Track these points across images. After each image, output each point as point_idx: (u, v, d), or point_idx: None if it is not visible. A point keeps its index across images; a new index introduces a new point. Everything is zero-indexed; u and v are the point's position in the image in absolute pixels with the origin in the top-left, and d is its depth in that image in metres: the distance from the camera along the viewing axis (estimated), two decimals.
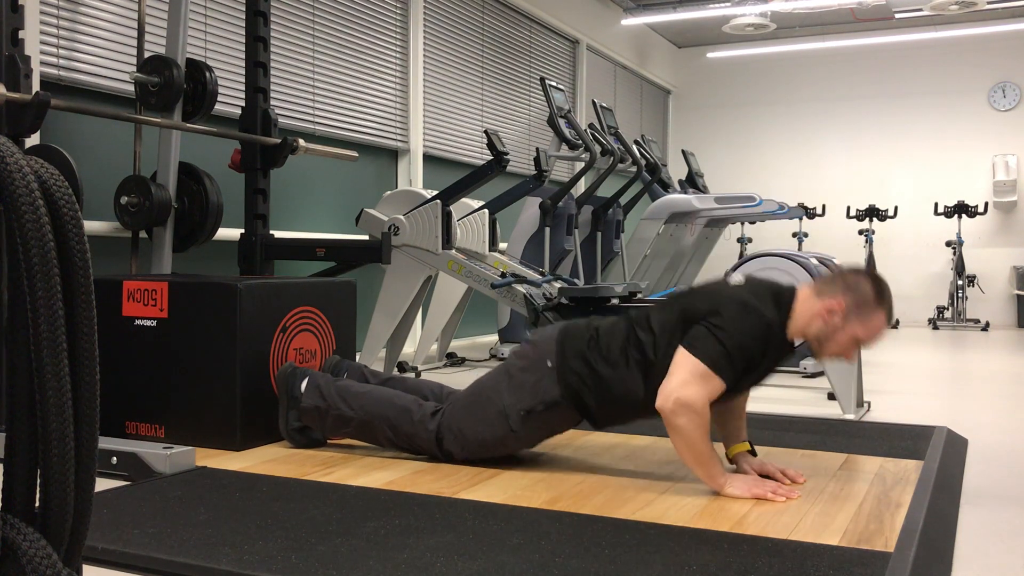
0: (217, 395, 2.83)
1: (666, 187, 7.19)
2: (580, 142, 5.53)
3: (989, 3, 7.99)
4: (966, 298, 8.53)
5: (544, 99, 5.92)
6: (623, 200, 6.41)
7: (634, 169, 6.38)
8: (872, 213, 8.90)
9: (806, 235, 9.05)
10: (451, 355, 5.31)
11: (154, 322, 2.92)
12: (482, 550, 1.82)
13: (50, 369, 0.91)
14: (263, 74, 3.83)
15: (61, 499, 0.93)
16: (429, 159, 6.18)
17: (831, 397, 3.90)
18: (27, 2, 3.07)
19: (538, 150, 4.97)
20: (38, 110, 2.83)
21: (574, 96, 8.37)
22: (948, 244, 8.73)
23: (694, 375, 2.23)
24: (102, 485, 2.33)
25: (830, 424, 3.31)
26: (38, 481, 0.94)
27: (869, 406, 3.80)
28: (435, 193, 4.59)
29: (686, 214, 6.92)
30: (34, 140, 3.32)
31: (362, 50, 5.54)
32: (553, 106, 5.49)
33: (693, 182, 7.81)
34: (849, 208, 9.06)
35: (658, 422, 2.84)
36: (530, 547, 1.84)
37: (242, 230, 3.86)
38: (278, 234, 3.99)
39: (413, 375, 4.45)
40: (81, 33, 3.79)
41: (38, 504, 0.94)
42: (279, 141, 3.78)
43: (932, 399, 4.23)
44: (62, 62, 3.71)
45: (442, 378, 3.18)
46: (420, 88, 6.02)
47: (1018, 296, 8.98)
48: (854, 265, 2.35)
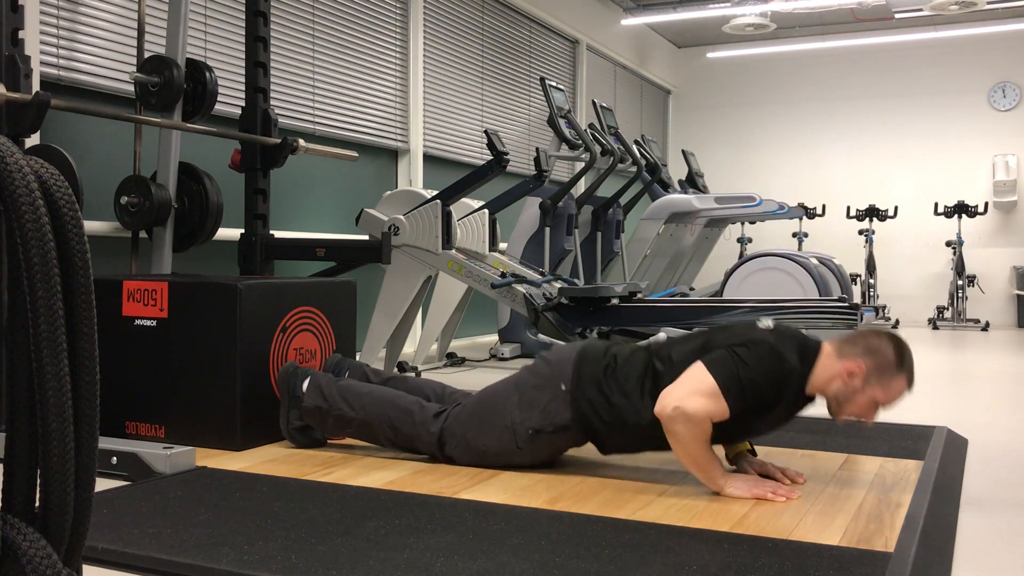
0: (217, 395, 2.83)
1: (666, 187, 7.20)
2: (580, 142, 5.53)
3: (989, 3, 7.99)
4: (966, 298, 8.53)
5: (544, 99, 5.92)
6: (623, 200, 6.41)
7: (634, 169, 6.38)
8: (872, 213, 8.90)
9: (806, 235, 9.05)
10: (451, 355, 5.31)
11: (154, 322, 2.92)
12: (482, 550, 1.82)
13: (50, 369, 0.91)
14: (263, 74, 3.83)
15: (61, 499, 0.93)
16: (429, 159, 6.18)
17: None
18: (27, 2, 3.07)
19: (538, 150, 4.98)
20: (38, 110, 2.83)
21: (574, 96, 8.37)
22: (948, 244, 8.73)
23: (701, 389, 2.21)
24: (102, 485, 2.33)
25: (830, 424, 3.30)
26: (38, 481, 0.94)
27: None
28: (435, 193, 4.59)
29: (686, 214, 6.92)
30: (34, 140, 3.31)
31: (362, 50, 5.54)
32: (553, 106, 5.49)
33: (693, 182, 7.81)
34: (849, 208, 9.06)
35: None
36: (530, 547, 1.84)
37: (242, 230, 3.86)
38: (278, 234, 3.99)
39: (413, 375, 4.45)
40: (81, 33, 3.79)
41: (38, 504, 0.94)
42: (279, 141, 3.78)
43: (932, 399, 4.23)
44: (62, 62, 3.71)
45: (442, 378, 3.18)
46: (420, 88, 6.02)
47: (1018, 296, 8.98)
48: (877, 328, 2.33)
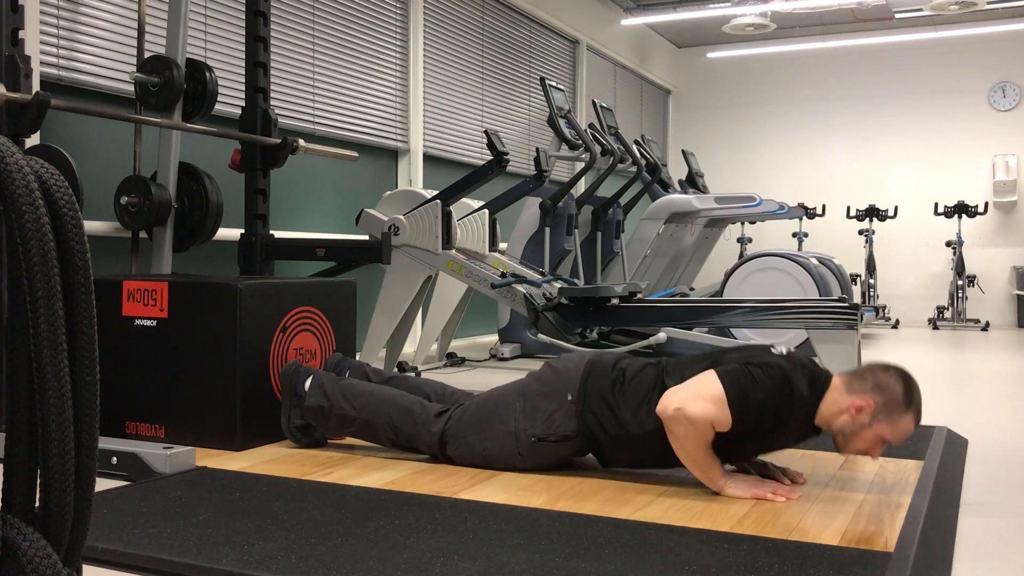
0: (217, 395, 2.83)
1: (666, 187, 7.20)
2: (580, 142, 5.53)
3: (989, 3, 7.99)
4: (966, 298, 8.53)
5: (544, 99, 5.92)
6: (623, 200, 6.41)
7: (634, 169, 6.38)
8: (872, 213, 8.89)
9: (806, 235, 9.05)
10: (451, 355, 5.31)
11: (154, 322, 2.92)
12: (482, 550, 1.82)
13: (50, 369, 0.91)
14: (263, 74, 3.83)
15: (61, 499, 0.93)
16: (429, 159, 6.18)
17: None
18: (27, 2, 3.07)
19: (538, 150, 4.98)
20: (38, 110, 2.83)
21: (574, 96, 8.37)
22: (948, 244, 8.73)
23: (708, 395, 2.20)
24: (102, 485, 2.33)
25: None
26: (38, 481, 0.94)
27: None
28: (435, 193, 4.59)
29: (686, 214, 6.92)
30: (34, 140, 3.32)
31: (362, 50, 5.54)
32: (553, 106, 5.49)
33: (693, 182, 7.81)
34: (849, 208, 9.06)
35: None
36: (530, 547, 1.84)
37: (242, 230, 3.86)
38: (278, 234, 3.99)
39: (413, 375, 4.45)
40: (81, 33, 3.79)
41: (38, 504, 0.94)
42: (279, 141, 3.78)
43: (932, 399, 4.22)
44: (62, 62, 3.71)
45: (442, 378, 3.18)
46: (420, 88, 6.02)
47: (1018, 296, 8.98)
48: (885, 363, 2.29)
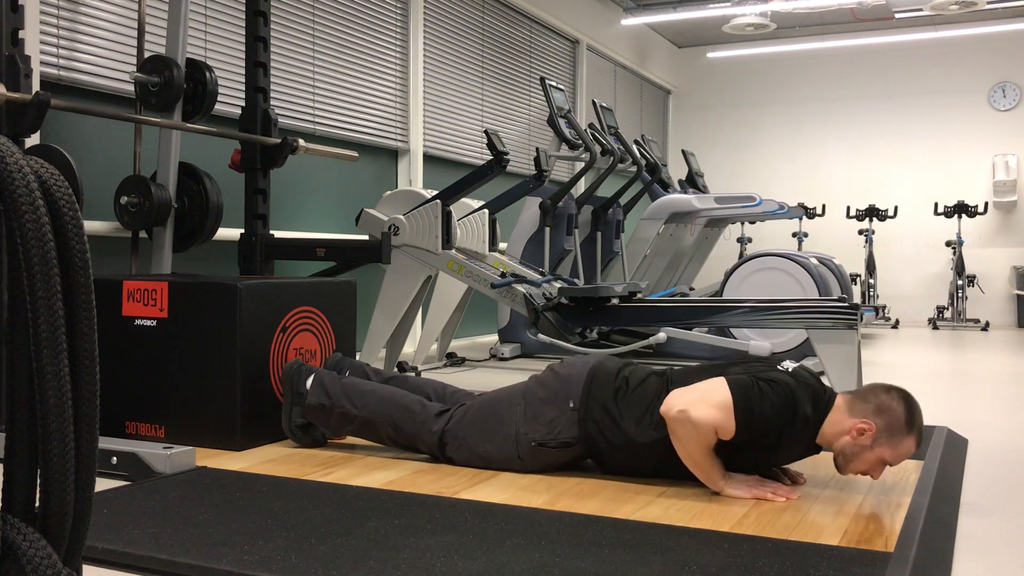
0: (217, 395, 2.83)
1: (666, 187, 7.20)
2: (580, 142, 5.53)
3: (989, 3, 7.99)
4: (966, 298, 8.53)
5: (544, 99, 5.92)
6: (623, 200, 6.41)
7: (634, 169, 6.38)
8: (872, 213, 8.90)
9: (806, 235, 9.05)
10: (451, 355, 5.31)
11: (154, 322, 2.92)
12: (482, 550, 1.82)
13: (50, 369, 0.91)
14: (263, 74, 3.83)
15: (61, 499, 0.93)
16: (429, 159, 6.18)
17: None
18: (27, 2, 3.07)
19: (538, 150, 4.98)
20: (38, 110, 2.83)
21: (574, 96, 8.37)
22: (948, 244, 8.73)
23: (714, 400, 2.20)
24: (102, 485, 2.33)
25: None
26: (38, 481, 0.94)
27: None
28: (435, 193, 4.59)
29: (686, 214, 6.92)
30: (34, 140, 3.32)
31: (362, 50, 5.54)
32: (553, 106, 5.49)
33: (693, 182, 7.81)
34: (849, 208, 9.06)
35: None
36: (530, 547, 1.84)
37: (242, 230, 3.86)
38: (278, 234, 3.99)
39: (413, 375, 4.45)
40: (81, 33, 3.79)
41: (38, 504, 0.94)
42: (279, 141, 3.78)
43: (932, 399, 4.23)
44: (62, 62, 3.71)
45: (442, 378, 3.18)
46: (420, 88, 6.02)
47: (1018, 296, 8.98)
48: (888, 384, 2.29)
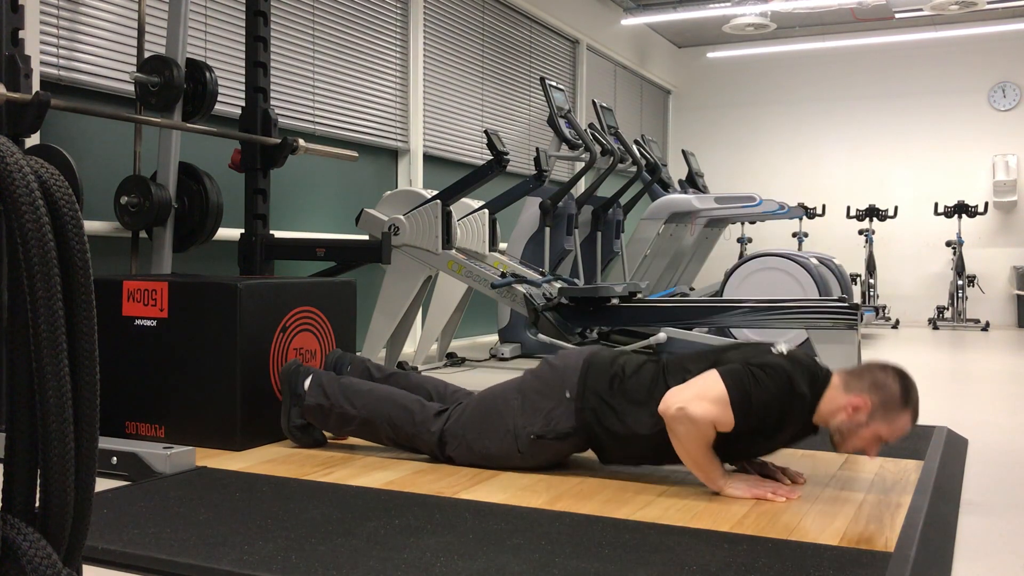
0: (217, 395, 2.83)
1: (666, 187, 7.20)
2: (580, 142, 5.53)
3: (989, 3, 7.99)
4: (966, 298, 8.53)
5: (544, 99, 5.92)
6: (623, 200, 6.41)
7: (634, 169, 6.38)
8: (872, 213, 8.89)
9: (806, 235, 9.05)
10: (451, 355, 5.31)
11: (154, 322, 2.92)
12: (482, 550, 1.82)
13: (50, 369, 0.91)
14: (263, 74, 3.83)
15: (61, 499, 0.93)
16: (429, 159, 6.18)
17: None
18: (27, 2, 3.07)
19: (538, 150, 4.98)
20: (38, 110, 2.83)
21: (574, 96, 8.37)
22: (948, 244, 8.73)
23: (711, 395, 2.20)
24: (102, 485, 2.32)
25: None
26: (38, 481, 0.94)
27: None
28: (435, 193, 4.59)
29: (686, 214, 6.92)
30: (34, 140, 3.32)
31: (362, 50, 5.54)
32: (553, 106, 5.49)
33: (693, 182, 7.81)
34: (849, 208, 9.06)
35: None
36: (530, 547, 1.84)
37: (242, 230, 3.86)
38: (278, 234, 3.99)
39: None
40: (81, 33, 3.79)
41: (38, 504, 0.94)
42: (279, 141, 3.78)
43: (932, 399, 4.23)
44: (62, 62, 3.71)
45: (442, 378, 3.18)
46: (420, 88, 6.02)
47: (1018, 296, 8.98)
48: (883, 361, 2.30)
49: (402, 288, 4.58)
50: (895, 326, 8.62)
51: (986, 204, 8.72)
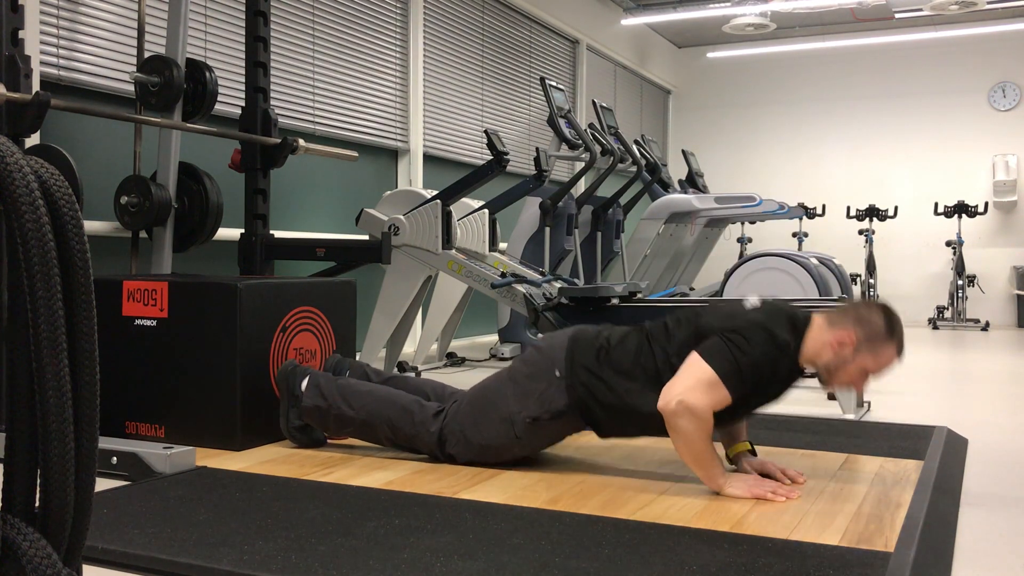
0: (217, 395, 2.83)
1: (666, 187, 7.20)
2: (580, 142, 5.53)
3: (989, 3, 7.99)
4: (966, 298, 8.53)
5: (544, 99, 5.92)
6: (623, 200, 6.41)
7: (634, 169, 6.38)
8: (872, 213, 8.89)
9: (806, 235, 9.05)
10: (451, 355, 5.31)
11: (154, 322, 2.92)
12: (482, 550, 1.82)
13: (50, 369, 0.91)
14: (263, 74, 3.83)
15: (61, 499, 0.93)
16: (429, 159, 6.18)
17: (831, 397, 3.90)
18: (27, 2, 3.07)
19: (538, 150, 4.97)
20: (38, 110, 2.83)
21: (574, 96, 8.37)
22: (948, 244, 8.73)
23: (702, 382, 2.22)
24: (102, 485, 2.32)
25: (830, 424, 3.31)
26: (38, 481, 0.94)
27: (869, 406, 3.80)
28: (435, 193, 4.59)
29: (686, 214, 6.92)
30: (34, 140, 3.32)
31: (362, 50, 5.54)
32: (553, 106, 5.49)
33: (693, 182, 7.81)
34: (849, 208, 9.06)
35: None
36: (530, 547, 1.84)
37: (242, 230, 3.86)
38: (278, 234, 3.99)
39: (413, 375, 4.45)
40: (81, 33, 3.79)
41: (38, 504, 0.94)
42: (279, 141, 3.78)
43: (932, 399, 4.23)
44: (62, 62, 3.71)
45: (442, 378, 3.18)
46: (420, 88, 6.02)
47: (1018, 296, 8.98)
48: (867, 299, 2.35)
49: (402, 288, 4.58)
50: None
51: (986, 204, 8.72)
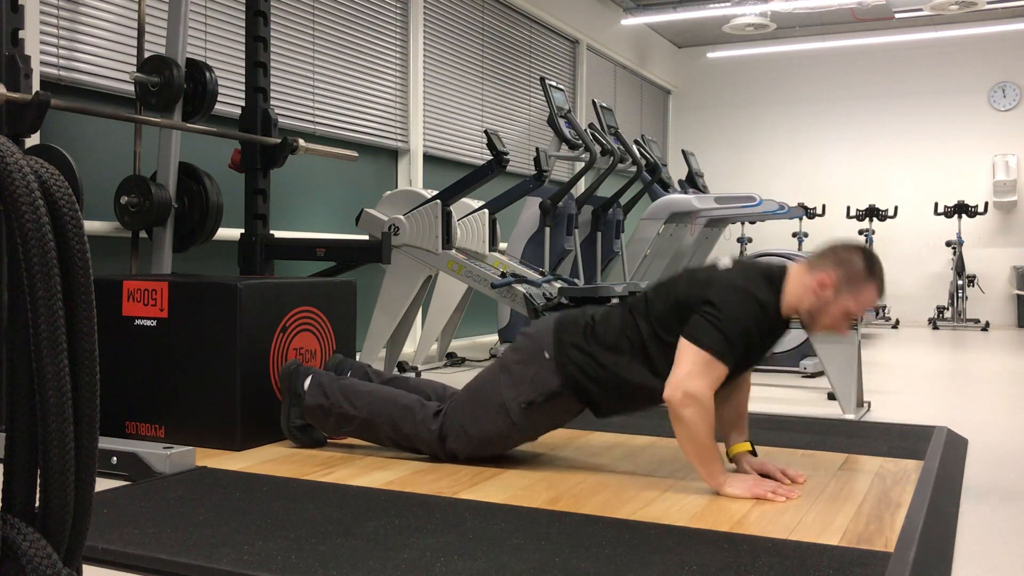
0: (217, 395, 2.83)
1: (666, 187, 7.19)
2: (580, 142, 5.52)
3: (989, 3, 7.99)
4: (966, 298, 8.53)
5: (544, 99, 5.92)
6: (623, 200, 6.41)
7: (634, 169, 6.38)
8: (872, 213, 8.90)
9: (806, 235, 9.05)
10: (451, 355, 5.31)
11: (154, 322, 2.92)
12: (482, 550, 1.82)
13: (50, 369, 0.91)
14: (263, 74, 3.83)
15: (61, 499, 0.93)
16: (429, 159, 6.18)
17: (831, 397, 3.90)
18: (27, 2, 3.07)
19: (538, 150, 4.97)
20: (38, 110, 2.83)
21: (574, 96, 8.37)
22: (948, 244, 8.73)
23: (698, 364, 2.24)
24: (102, 485, 2.33)
25: (830, 424, 3.31)
26: (38, 481, 0.94)
27: (869, 406, 3.80)
28: (435, 193, 4.59)
29: (686, 214, 6.91)
30: (34, 140, 3.32)
31: (362, 50, 5.54)
32: (553, 106, 5.49)
33: (693, 182, 7.81)
34: (849, 208, 9.06)
35: (658, 422, 2.85)
36: (530, 547, 1.84)
37: (242, 230, 3.86)
38: (278, 234, 3.99)
39: (413, 375, 4.45)
40: (81, 33, 3.79)
41: (38, 504, 0.94)
42: (279, 141, 3.78)
43: (932, 399, 4.23)
44: (62, 62, 3.71)
45: (442, 378, 3.18)
46: (420, 88, 6.02)
47: (1018, 296, 8.98)
48: (846, 240, 2.39)
49: (402, 288, 4.58)
50: (895, 326, 8.62)
51: (986, 204, 8.72)
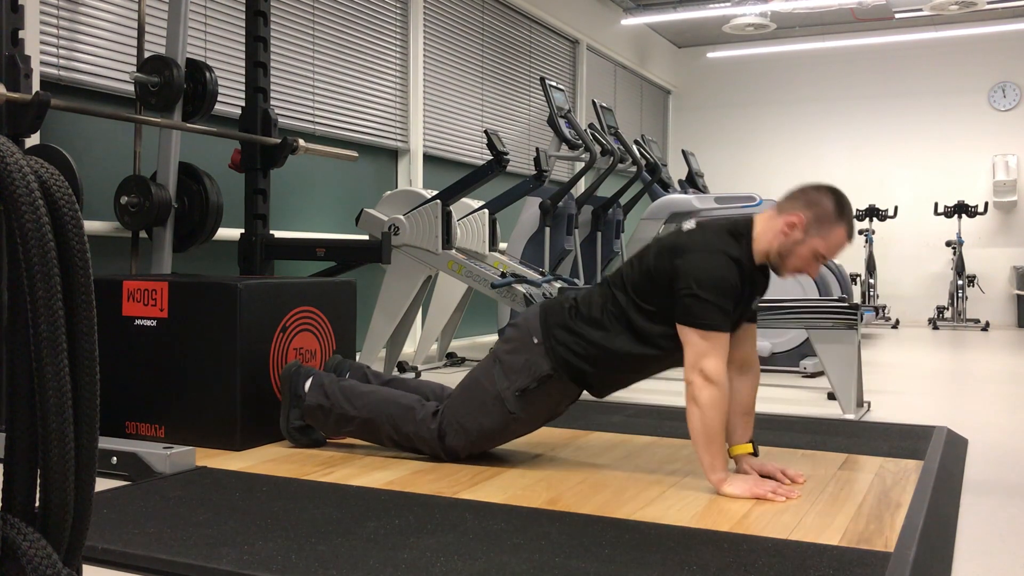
0: (217, 395, 2.83)
1: (666, 187, 7.19)
2: (580, 142, 5.52)
3: (989, 3, 7.99)
4: (966, 298, 8.53)
5: (544, 99, 5.92)
6: (623, 200, 6.41)
7: (634, 169, 6.38)
8: (872, 213, 8.90)
9: None
10: (451, 355, 5.31)
11: (154, 322, 2.92)
12: (482, 550, 1.82)
13: (50, 369, 0.91)
14: (263, 74, 3.83)
15: (61, 499, 0.93)
16: (429, 159, 6.18)
17: (831, 397, 3.90)
18: (27, 2, 3.07)
19: (538, 150, 4.97)
20: (38, 110, 2.83)
21: (574, 96, 8.36)
22: (948, 244, 8.73)
23: (703, 343, 2.27)
24: (102, 485, 2.33)
25: (830, 424, 3.31)
26: (38, 481, 0.94)
27: (869, 406, 3.80)
28: (435, 193, 4.59)
29: (686, 214, 6.90)
30: (34, 140, 3.32)
31: (362, 50, 5.54)
32: (553, 106, 5.49)
33: (693, 182, 7.81)
34: None
35: (658, 422, 2.85)
36: (530, 547, 1.84)
37: (242, 230, 3.86)
38: (278, 234, 3.99)
39: (413, 375, 4.45)
40: (81, 33, 3.79)
41: (38, 504, 0.94)
42: (279, 141, 3.78)
43: (932, 399, 4.23)
44: (62, 62, 3.71)
45: (442, 378, 3.18)
46: (420, 88, 6.02)
47: (1018, 296, 8.98)
48: (816, 181, 2.40)
49: (402, 288, 4.58)
50: (895, 326, 8.62)
51: (986, 204, 8.72)
